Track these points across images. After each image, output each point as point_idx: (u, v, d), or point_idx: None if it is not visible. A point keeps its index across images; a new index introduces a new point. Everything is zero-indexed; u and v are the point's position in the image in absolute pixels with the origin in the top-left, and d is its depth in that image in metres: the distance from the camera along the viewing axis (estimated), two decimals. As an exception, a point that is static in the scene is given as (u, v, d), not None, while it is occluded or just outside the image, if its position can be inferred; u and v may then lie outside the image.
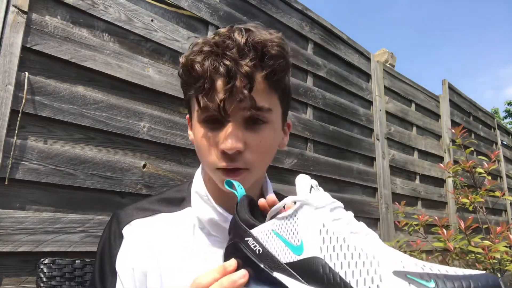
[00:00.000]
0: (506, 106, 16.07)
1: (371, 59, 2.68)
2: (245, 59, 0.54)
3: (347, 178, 2.26)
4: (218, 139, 0.56)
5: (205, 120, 0.57)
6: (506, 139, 4.62)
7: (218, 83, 0.54)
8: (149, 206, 0.65)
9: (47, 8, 1.22)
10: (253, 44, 0.54)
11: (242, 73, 0.53)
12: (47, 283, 0.82)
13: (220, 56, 0.54)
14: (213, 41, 0.55)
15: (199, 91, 0.55)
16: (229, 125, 0.55)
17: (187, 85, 0.58)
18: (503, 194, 1.71)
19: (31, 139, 1.14)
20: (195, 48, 0.57)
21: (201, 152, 0.59)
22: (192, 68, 0.55)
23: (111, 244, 0.62)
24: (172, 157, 1.48)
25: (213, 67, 0.53)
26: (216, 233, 0.62)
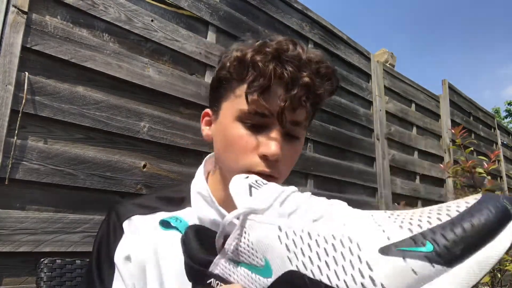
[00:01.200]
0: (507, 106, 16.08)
1: (371, 59, 2.68)
2: (306, 71, 0.54)
3: (347, 178, 2.26)
4: (258, 142, 0.55)
5: (247, 120, 0.56)
6: (506, 139, 4.62)
7: (279, 88, 0.54)
8: (148, 203, 0.64)
9: (47, 8, 1.22)
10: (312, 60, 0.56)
11: (302, 83, 0.54)
12: (47, 283, 0.82)
13: (284, 62, 0.54)
14: (276, 46, 0.55)
15: (256, 90, 0.53)
16: (276, 131, 0.55)
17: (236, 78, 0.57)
18: (503, 194, 1.71)
19: (31, 139, 1.14)
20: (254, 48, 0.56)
21: (232, 152, 0.57)
22: (253, 66, 0.54)
23: (109, 236, 0.61)
24: (172, 157, 1.48)
25: (278, 70, 0.53)
26: None
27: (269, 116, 0.55)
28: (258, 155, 0.55)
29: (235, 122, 0.57)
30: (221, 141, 0.60)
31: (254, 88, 0.54)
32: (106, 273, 0.59)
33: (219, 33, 1.73)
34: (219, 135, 0.60)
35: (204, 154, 1.56)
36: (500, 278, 1.56)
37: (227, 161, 0.59)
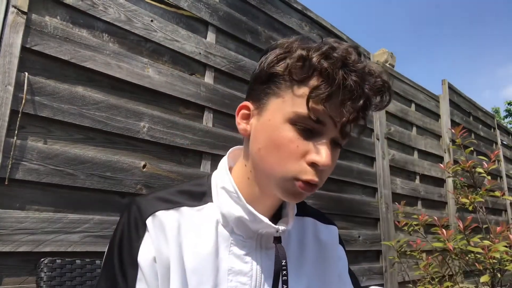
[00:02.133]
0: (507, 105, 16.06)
1: (371, 59, 2.68)
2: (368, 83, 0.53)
3: (347, 178, 2.26)
4: (308, 149, 0.53)
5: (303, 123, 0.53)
6: (506, 139, 4.62)
7: (344, 97, 0.52)
8: (171, 197, 0.61)
9: (47, 8, 1.22)
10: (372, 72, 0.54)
11: (365, 95, 0.52)
12: (47, 283, 0.82)
13: (351, 70, 0.52)
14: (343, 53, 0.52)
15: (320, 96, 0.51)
16: (328, 140, 0.54)
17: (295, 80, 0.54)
18: (503, 194, 1.71)
19: (31, 139, 1.14)
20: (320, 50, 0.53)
21: (279, 155, 0.54)
22: (321, 70, 0.52)
23: (131, 234, 0.58)
24: (172, 157, 1.48)
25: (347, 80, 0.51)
26: (239, 232, 0.60)
27: (327, 125, 0.53)
28: (306, 162, 0.53)
29: (286, 123, 0.54)
30: (265, 140, 0.56)
31: (319, 94, 0.51)
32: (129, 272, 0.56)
33: (219, 33, 1.73)
34: (263, 133, 0.57)
35: (203, 154, 1.57)
36: (500, 278, 1.56)
37: (270, 163, 0.56)
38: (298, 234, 0.67)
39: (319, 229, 0.71)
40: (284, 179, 0.55)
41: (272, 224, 0.58)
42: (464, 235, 1.60)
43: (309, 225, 0.70)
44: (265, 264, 0.60)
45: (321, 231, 0.71)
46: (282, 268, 0.58)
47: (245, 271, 0.59)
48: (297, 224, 0.67)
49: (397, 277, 2.47)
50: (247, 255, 0.60)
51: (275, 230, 0.59)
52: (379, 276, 2.36)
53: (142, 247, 0.57)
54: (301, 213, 0.69)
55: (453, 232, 1.67)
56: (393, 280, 2.44)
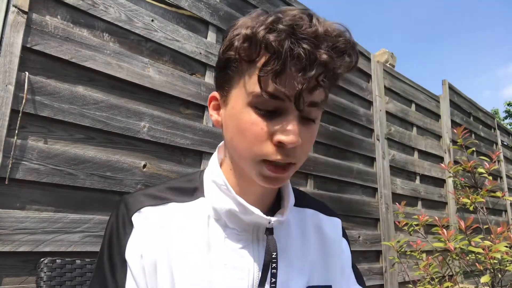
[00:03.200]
0: (506, 106, 16.04)
1: (371, 59, 2.68)
2: (323, 48, 0.49)
3: (347, 178, 2.26)
4: (273, 129, 0.50)
5: (261, 105, 0.51)
6: (507, 140, 4.62)
7: (293, 68, 0.48)
8: (159, 194, 0.60)
9: (47, 8, 1.22)
10: (329, 34, 0.49)
11: (320, 61, 0.48)
12: (47, 283, 0.82)
13: (300, 39, 0.48)
14: (290, 22, 0.48)
15: (269, 72, 0.48)
16: (292, 116, 0.50)
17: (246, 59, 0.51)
18: (503, 195, 1.71)
19: (31, 139, 1.14)
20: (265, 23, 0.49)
21: (245, 139, 0.52)
22: (266, 45, 0.48)
23: (119, 231, 0.57)
24: (172, 157, 1.48)
25: (294, 50, 0.47)
26: (233, 225, 0.59)
27: (285, 100, 0.50)
28: (273, 143, 0.51)
29: (247, 107, 0.52)
30: (232, 128, 0.55)
31: (268, 71, 0.48)
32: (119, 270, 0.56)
33: (219, 33, 1.73)
34: (230, 122, 0.56)
35: (204, 154, 1.56)
36: (500, 278, 1.56)
37: (240, 149, 0.54)
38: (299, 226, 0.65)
39: (321, 221, 0.69)
40: (254, 163, 0.53)
41: (263, 215, 0.56)
42: (465, 235, 1.60)
43: (309, 216, 0.68)
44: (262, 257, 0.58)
45: (324, 222, 0.69)
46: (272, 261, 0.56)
47: (241, 265, 0.57)
48: (297, 215, 0.66)
49: (397, 277, 2.47)
50: (243, 248, 0.58)
51: (267, 222, 0.57)
52: (379, 276, 2.36)
53: (129, 244, 0.56)
54: (301, 204, 0.68)
55: (453, 232, 1.67)
56: (393, 280, 2.44)
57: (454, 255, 1.65)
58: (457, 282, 1.80)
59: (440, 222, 1.67)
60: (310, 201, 0.71)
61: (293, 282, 0.59)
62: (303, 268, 0.61)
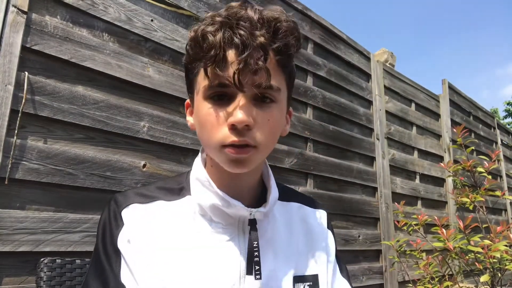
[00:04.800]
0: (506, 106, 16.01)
1: (371, 59, 2.68)
2: (259, 31, 0.53)
3: (347, 178, 2.26)
4: (226, 114, 0.54)
5: (213, 95, 0.55)
6: (506, 139, 4.62)
7: (231, 53, 0.52)
8: (148, 193, 0.64)
9: (47, 8, 1.22)
10: (266, 19, 0.54)
11: (256, 44, 0.52)
12: (47, 283, 0.82)
13: (234, 27, 0.52)
14: (226, 13, 0.54)
15: (210, 62, 0.53)
16: (240, 98, 0.53)
17: (195, 59, 0.56)
18: (503, 194, 1.71)
19: (31, 139, 1.14)
20: (206, 20, 0.55)
21: (205, 131, 0.56)
22: (203, 39, 0.53)
23: (111, 225, 0.61)
24: (172, 157, 1.48)
25: (227, 36, 0.52)
26: (218, 219, 0.61)
27: (230, 86, 0.53)
28: (227, 126, 0.54)
29: (203, 101, 0.56)
30: (197, 124, 0.60)
31: (208, 61, 0.53)
32: (114, 260, 0.59)
33: (219, 32, 1.73)
34: (195, 120, 0.60)
35: (204, 154, 1.56)
36: (500, 277, 1.56)
37: (205, 141, 0.58)
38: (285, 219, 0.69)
39: (306, 213, 0.72)
40: (218, 151, 0.56)
41: (244, 207, 0.59)
42: (464, 235, 1.60)
43: (295, 210, 0.71)
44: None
45: (308, 214, 0.72)
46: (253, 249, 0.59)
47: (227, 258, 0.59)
48: (283, 209, 0.69)
49: (397, 276, 2.47)
50: (229, 241, 0.61)
51: (248, 213, 0.60)
52: (379, 275, 2.36)
53: (120, 235, 0.59)
54: (287, 198, 0.71)
55: (453, 231, 1.67)
56: (393, 280, 2.44)
57: (454, 255, 1.65)
58: (457, 281, 1.80)
59: (439, 222, 1.67)
60: (296, 195, 0.75)
61: (280, 272, 0.62)
62: (290, 258, 0.64)
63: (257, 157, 0.57)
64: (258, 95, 0.54)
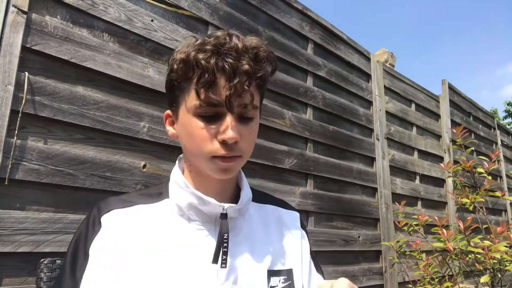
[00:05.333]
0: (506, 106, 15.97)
1: (371, 59, 2.68)
2: (244, 59, 0.61)
3: (347, 178, 2.26)
4: (216, 130, 0.62)
5: (202, 113, 0.62)
6: (506, 139, 4.62)
7: (222, 79, 0.60)
8: (129, 199, 0.70)
9: (47, 8, 1.21)
10: (248, 48, 0.62)
11: (243, 71, 0.60)
12: (47, 284, 0.82)
13: (224, 55, 0.59)
14: (214, 42, 0.61)
15: (202, 85, 0.59)
16: (229, 119, 0.61)
17: (185, 79, 0.63)
18: (503, 194, 1.71)
19: (31, 139, 1.14)
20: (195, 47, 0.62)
21: (195, 143, 0.63)
22: (196, 64, 0.60)
23: (88, 229, 0.65)
24: (172, 157, 1.48)
25: (219, 64, 0.59)
26: (195, 218, 0.67)
27: (219, 106, 0.61)
28: (218, 141, 0.62)
29: (193, 117, 0.63)
30: (185, 136, 0.66)
31: (201, 84, 0.60)
32: (79, 264, 0.63)
33: (219, 33, 1.72)
34: (182, 131, 0.67)
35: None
36: (500, 278, 1.56)
37: (193, 151, 0.65)
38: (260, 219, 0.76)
39: (280, 214, 0.79)
40: (206, 160, 0.63)
41: (218, 203, 0.65)
42: (464, 235, 1.60)
43: (270, 210, 0.78)
44: None
45: (283, 215, 0.79)
46: (223, 240, 0.63)
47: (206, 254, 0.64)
48: (259, 210, 0.76)
49: (397, 277, 2.47)
50: (207, 236, 0.66)
51: (221, 208, 0.65)
52: (379, 276, 2.36)
53: (95, 240, 0.63)
54: (262, 201, 0.78)
55: (453, 232, 1.67)
56: (393, 281, 2.44)
57: (454, 255, 1.65)
58: (457, 282, 1.80)
59: (439, 222, 1.67)
60: (270, 198, 0.82)
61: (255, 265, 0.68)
62: (265, 254, 0.70)
63: (241, 164, 0.66)
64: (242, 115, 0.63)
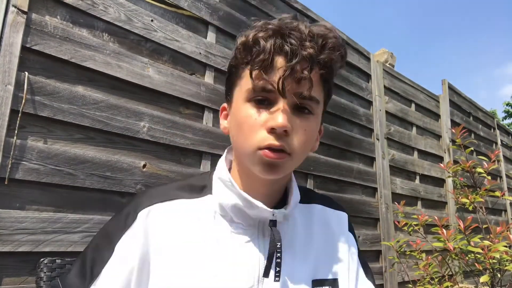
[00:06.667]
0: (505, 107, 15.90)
1: (371, 59, 2.68)
2: (308, 43, 0.54)
3: (347, 178, 2.26)
4: (266, 118, 0.55)
5: (255, 98, 0.56)
6: (506, 139, 4.62)
7: (280, 60, 0.54)
8: (169, 191, 0.64)
9: (47, 8, 1.22)
10: (316, 34, 0.56)
11: (304, 55, 0.54)
12: (47, 283, 0.82)
13: (286, 36, 0.54)
14: (278, 23, 0.56)
15: (257, 66, 0.54)
16: (281, 104, 0.55)
17: (242, 62, 0.58)
18: (503, 194, 1.71)
19: (31, 139, 1.14)
20: (257, 27, 0.57)
21: (242, 132, 0.57)
22: (255, 43, 0.55)
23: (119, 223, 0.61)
24: (172, 157, 1.48)
25: (278, 44, 0.54)
26: (239, 220, 0.61)
27: (274, 91, 0.55)
28: (266, 130, 0.55)
29: (244, 104, 0.57)
30: (233, 126, 0.60)
31: (257, 65, 0.54)
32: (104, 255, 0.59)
33: (219, 33, 1.73)
34: (232, 121, 0.61)
35: (203, 154, 1.56)
36: (500, 278, 1.56)
37: (240, 143, 0.59)
38: (304, 221, 0.68)
39: (327, 215, 0.72)
40: (251, 153, 0.56)
41: (267, 208, 0.59)
42: (464, 235, 1.60)
43: (316, 211, 0.71)
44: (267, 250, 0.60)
45: (330, 216, 0.72)
46: (276, 250, 0.58)
47: (246, 259, 0.59)
48: (304, 211, 0.69)
49: (397, 277, 2.47)
50: (249, 242, 0.60)
51: (270, 214, 0.59)
52: (379, 276, 2.36)
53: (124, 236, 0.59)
54: (308, 200, 0.70)
55: (453, 232, 1.67)
56: (393, 280, 2.44)
57: (454, 255, 1.65)
58: (456, 282, 1.80)
59: (439, 222, 1.67)
60: (318, 197, 0.74)
61: (298, 274, 0.61)
62: (308, 261, 0.63)
63: (289, 164, 0.58)
64: (298, 104, 0.56)
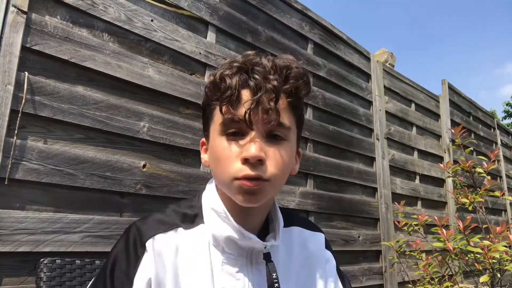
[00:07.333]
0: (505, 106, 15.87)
1: (371, 59, 2.68)
2: (272, 76, 0.58)
3: (347, 178, 2.26)
4: (240, 149, 0.58)
5: (228, 132, 0.59)
6: (506, 139, 4.62)
7: (245, 94, 0.58)
8: (168, 219, 0.64)
9: (47, 8, 1.21)
10: (279, 66, 0.60)
11: (269, 87, 0.57)
12: (47, 283, 0.82)
13: (250, 72, 0.58)
14: (242, 60, 0.60)
15: (225, 102, 0.58)
16: (252, 135, 0.58)
17: (212, 99, 0.62)
18: (502, 194, 1.71)
19: (31, 139, 1.14)
20: (224, 66, 0.61)
21: (219, 165, 0.60)
22: (221, 81, 0.59)
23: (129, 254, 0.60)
24: (172, 157, 1.48)
25: (242, 79, 0.58)
26: (230, 250, 0.63)
27: (241, 122, 0.58)
28: (240, 160, 0.57)
29: (220, 137, 0.60)
30: (212, 160, 0.63)
31: (224, 100, 0.58)
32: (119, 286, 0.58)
33: (219, 33, 1.73)
34: (211, 156, 0.63)
35: (204, 154, 1.56)
36: (500, 278, 1.56)
37: (218, 175, 0.61)
38: (285, 245, 0.70)
39: (305, 237, 0.74)
40: (229, 184, 0.59)
41: (259, 241, 0.61)
42: (464, 235, 1.60)
43: (295, 235, 0.73)
44: (256, 279, 0.62)
45: (308, 239, 0.74)
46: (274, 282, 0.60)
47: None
48: (284, 235, 0.70)
49: (397, 277, 2.47)
50: (239, 272, 0.62)
51: (263, 247, 0.62)
52: (379, 276, 2.36)
53: (140, 268, 0.59)
54: (287, 223, 0.72)
55: (453, 232, 1.67)
56: (393, 280, 2.44)
57: (453, 255, 1.65)
58: (456, 282, 1.80)
59: (439, 222, 1.67)
60: (297, 219, 0.77)
61: None
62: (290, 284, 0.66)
63: (269, 190, 0.59)
64: (270, 133, 0.59)
